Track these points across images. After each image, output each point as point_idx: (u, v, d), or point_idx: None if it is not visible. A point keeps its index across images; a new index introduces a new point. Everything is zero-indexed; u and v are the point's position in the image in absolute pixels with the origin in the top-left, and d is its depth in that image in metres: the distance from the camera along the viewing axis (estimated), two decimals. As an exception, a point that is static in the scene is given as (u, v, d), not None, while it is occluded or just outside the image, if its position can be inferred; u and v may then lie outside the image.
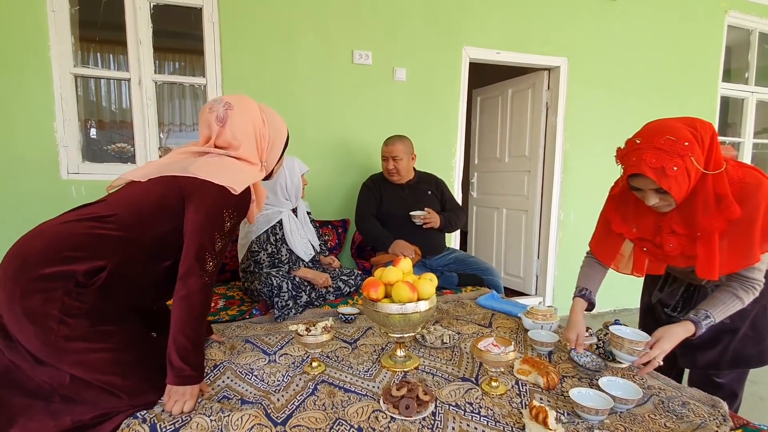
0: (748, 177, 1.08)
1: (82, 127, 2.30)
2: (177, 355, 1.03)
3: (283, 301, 1.73)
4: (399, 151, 2.28)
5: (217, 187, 1.09)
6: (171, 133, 3.98)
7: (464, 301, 2.03)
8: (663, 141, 1.04)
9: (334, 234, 2.54)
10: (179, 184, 1.08)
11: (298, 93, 2.52)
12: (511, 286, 3.45)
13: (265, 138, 1.27)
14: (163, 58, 3.92)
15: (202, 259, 1.06)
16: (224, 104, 1.20)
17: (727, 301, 1.15)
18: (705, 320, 1.15)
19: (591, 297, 1.43)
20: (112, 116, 3.82)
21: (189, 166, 1.11)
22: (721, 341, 1.28)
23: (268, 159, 1.31)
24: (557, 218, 3.20)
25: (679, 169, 1.03)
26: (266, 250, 1.90)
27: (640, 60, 3.24)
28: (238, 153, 1.19)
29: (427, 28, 2.72)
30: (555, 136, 3.11)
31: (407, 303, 1.24)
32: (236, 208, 1.13)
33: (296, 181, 2.00)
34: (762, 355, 1.28)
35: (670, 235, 1.17)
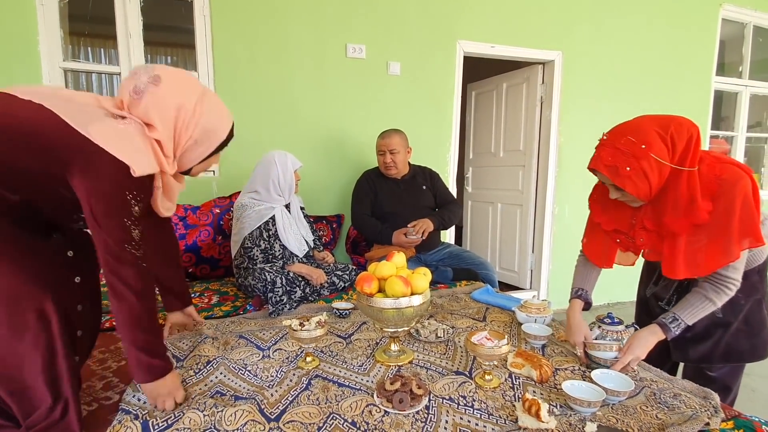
0: (726, 174, 1.08)
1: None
2: (143, 354, 0.97)
3: (278, 296, 1.73)
4: (396, 144, 2.27)
5: (114, 161, 0.88)
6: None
7: (458, 295, 2.03)
8: (623, 141, 1.08)
9: (328, 229, 2.53)
10: (67, 141, 0.86)
11: (291, 87, 2.50)
12: (505, 281, 3.46)
13: (186, 133, 1.02)
14: (155, 52, 3.88)
15: (123, 254, 0.93)
16: (152, 76, 0.98)
17: (697, 304, 1.15)
18: (672, 323, 1.16)
19: (587, 297, 1.45)
20: None
21: (91, 123, 0.89)
22: (713, 335, 1.28)
23: (184, 158, 1.06)
24: (552, 212, 3.20)
25: (632, 170, 1.07)
26: (259, 246, 1.89)
27: (635, 54, 3.24)
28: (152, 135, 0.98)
29: (422, 21, 2.70)
30: (549, 130, 3.11)
31: (401, 297, 1.24)
32: (139, 190, 0.95)
33: (289, 178, 1.99)
34: (755, 350, 1.28)
35: (642, 229, 1.20)
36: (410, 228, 2.19)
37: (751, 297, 1.24)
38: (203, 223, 2.21)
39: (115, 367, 1.30)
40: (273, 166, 1.96)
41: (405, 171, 2.38)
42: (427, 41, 2.73)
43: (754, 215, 1.05)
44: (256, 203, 1.94)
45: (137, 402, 1.06)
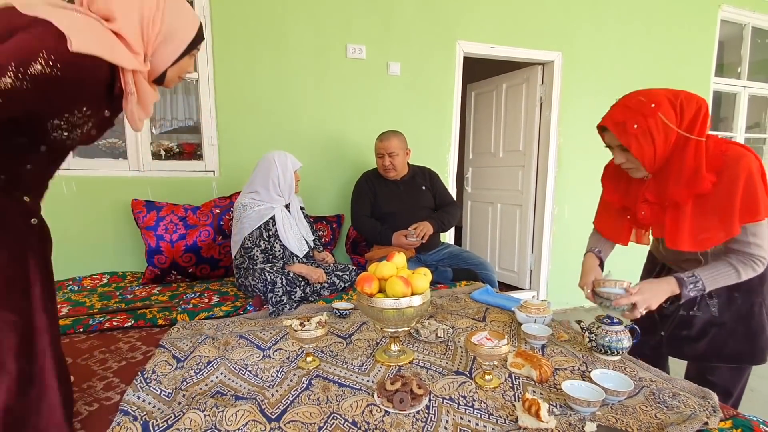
0: (730, 151, 1.10)
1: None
2: None
3: (278, 296, 1.73)
4: (395, 147, 2.27)
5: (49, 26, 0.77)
6: (163, 128, 3.93)
7: (458, 295, 2.04)
8: (633, 101, 1.13)
9: (328, 229, 2.53)
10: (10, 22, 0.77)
11: (291, 87, 2.51)
12: (505, 281, 3.46)
13: (156, 24, 0.92)
14: None
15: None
16: None
17: (720, 268, 1.14)
18: (690, 278, 1.14)
19: (602, 255, 1.46)
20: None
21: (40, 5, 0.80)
22: (708, 333, 1.28)
23: (157, 54, 0.97)
24: (551, 213, 3.21)
25: (639, 128, 1.10)
26: (259, 246, 1.90)
27: (634, 54, 3.25)
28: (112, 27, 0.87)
29: (422, 22, 2.70)
30: (549, 130, 3.12)
31: (401, 298, 1.24)
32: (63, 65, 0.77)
33: (289, 178, 1.99)
34: (755, 353, 1.27)
35: (643, 203, 1.22)
36: (411, 230, 2.19)
37: (750, 298, 1.24)
38: (203, 224, 2.21)
39: (116, 367, 1.30)
40: (273, 167, 1.96)
41: (404, 172, 2.39)
42: (427, 42, 2.73)
43: (757, 192, 1.06)
44: (256, 203, 1.95)
45: (138, 402, 1.06)
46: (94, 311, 1.73)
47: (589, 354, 1.34)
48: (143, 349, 1.44)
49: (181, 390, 1.12)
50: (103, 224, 2.28)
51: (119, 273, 2.27)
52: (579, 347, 1.40)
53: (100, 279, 2.21)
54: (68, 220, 2.22)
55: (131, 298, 1.93)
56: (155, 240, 2.12)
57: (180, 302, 1.85)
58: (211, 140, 2.40)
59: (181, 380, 1.17)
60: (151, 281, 2.15)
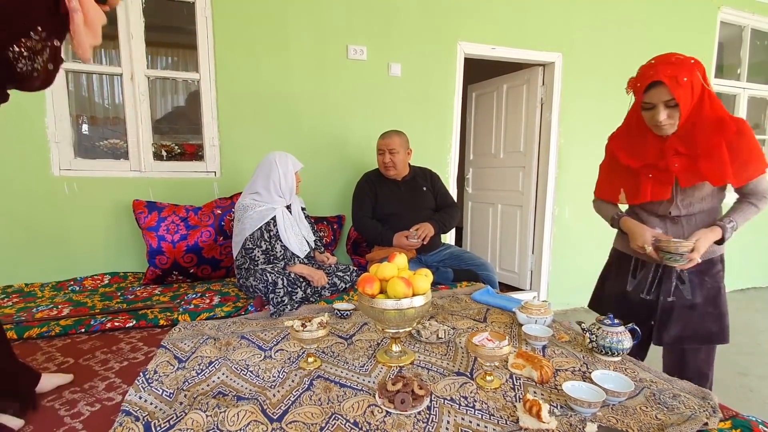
0: (725, 110, 1.32)
1: (74, 122, 2.27)
2: None
3: (279, 297, 1.73)
4: (396, 145, 2.28)
5: None
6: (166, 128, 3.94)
7: (459, 296, 2.04)
8: (675, 58, 1.27)
9: (329, 230, 2.53)
10: None
11: (292, 88, 2.51)
12: (505, 281, 3.47)
13: None
14: (156, 53, 3.88)
15: None
16: None
17: (745, 209, 1.36)
18: (729, 224, 1.34)
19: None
20: (105, 112, 3.78)
21: None
22: (683, 317, 1.43)
23: None
24: (552, 214, 3.21)
25: (688, 80, 1.23)
26: (260, 246, 1.90)
27: (634, 55, 3.24)
28: None
29: (422, 23, 2.71)
30: (550, 131, 3.12)
31: (402, 298, 1.24)
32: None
33: (290, 179, 2.00)
34: (723, 332, 1.43)
35: (674, 156, 1.34)
36: (413, 231, 2.19)
37: (717, 282, 1.42)
38: (205, 224, 2.21)
39: (118, 367, 1.30)
40: (274, 168, 1.97)
41: (405, 172, 2.39)
42: (427, 43, 2.74)
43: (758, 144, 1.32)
44: (257, 204, 1.95)
45: (140, 402, 1.07)
46: (95, 311, 1.74)
47: (589, 355, 1.34)
48: (145, 350, 1.44)
49: (182, 390, 1.13)
50: (105, 225, 2.29)
51: (120, 273, 2.27)
52: (580, 348, 1.40)
53: (101, 279, 2.21)
54: (70, 220, 2.23)
55: (132, 298, 1.94)
56: (156, 240, 2.12)
57: (181, 303, 1.86)
58: (212, 141, 2.41)
59: (182, 380, 1.18)
60: (152, 281, 2.16)
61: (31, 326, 1.56)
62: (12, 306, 1.83)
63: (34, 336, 1.53)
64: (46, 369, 1.28)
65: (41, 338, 1.53)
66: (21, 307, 1.80)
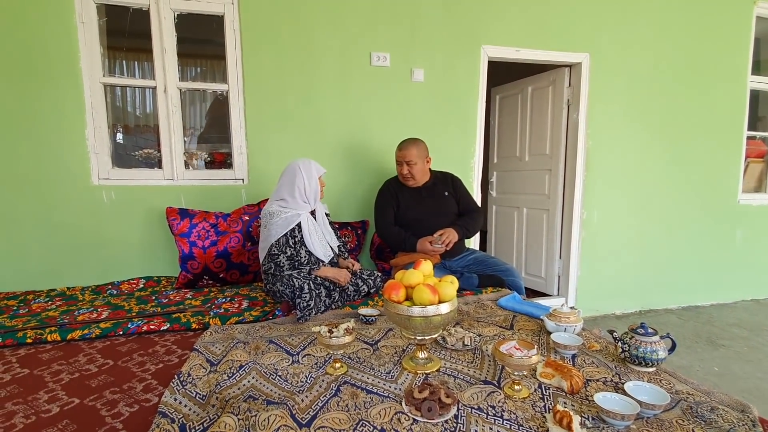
0: None
1: (111, 133, 2.38)
2: None
3: (305, 302, 1.76)
4: (413, 156, 2.28)
5: None
6: (193, 137, 4.07)
7: (485, 302, 2.02)
8: None
9: (353, 235, 2.56)
10: None
11: (317, 96, 2.56)
12: (532, 287, 3.40)
13: None
14: (187, 64, 4.02)
15: None
16: None
17: None
18: None
19: None
20: (137, 121, 3.95)
21: None
22: None
23: None
24: (580, 217, 3.14)
25: None
26: (285, 252, 1.94)
27: (666, 54, 3.15)
28: None
29: (445, 28, 2.71)
30: (577, 134, 3.06)
31: (428, 306, 1.25)
32: None
33: (314, 184, 2.03)
34: None
35: None
36: (436, 236, 2.19)
37: None
38: (233, 230, 2.27)
39: (154, 369, 1.36)
40: (298, 174, 2.01)
41: (424, 180, 2.39)
42: (450, 48, 2.73)
43: None
44: (283, 210, 1.99)
45: (175, 404, 1.11)
46: (132, 315, 1.81)
47: (622, 365, 1.31)
48: (179, 353, 1.49)
49: (215, 393, 1.16)
50: (140, 231, 2.38)
51: (154, 278, 2.36)
52: (611, 357, 1.37)
53: (137, 283, 2.30)
54: (108, 227, 2.33)
55: (166, 302, 2.01)
56: (188, 246, 2.20)
57: (212, 306, 1.91)
58: (240, 149, 2.48)
59: (215, 384, 1.21)
60: (184, 286, 2.23)
61: (74, 329, 1.64)
62: (56, 309, 1.93)
63: (77, 338, 1.61)
64: (88, 371, 1.35)
65: (83, 340, 1.61)
66: (64, 310, 1.90)
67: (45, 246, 2.28)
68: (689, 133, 3.29)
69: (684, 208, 3.37)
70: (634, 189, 3.21)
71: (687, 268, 3.44)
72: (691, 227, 3.41)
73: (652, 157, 3.22)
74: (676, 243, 3.39)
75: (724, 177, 3.45)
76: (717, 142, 3.37)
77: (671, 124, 3.23)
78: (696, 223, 3.42)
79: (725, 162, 3.43)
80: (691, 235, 3.42)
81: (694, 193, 3.38)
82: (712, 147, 3.37)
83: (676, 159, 3.29)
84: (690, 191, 3.37)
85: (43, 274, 2.28)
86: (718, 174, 3.43)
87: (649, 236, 3.30)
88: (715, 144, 3.37)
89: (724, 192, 3.47)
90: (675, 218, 3.35)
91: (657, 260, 3.35)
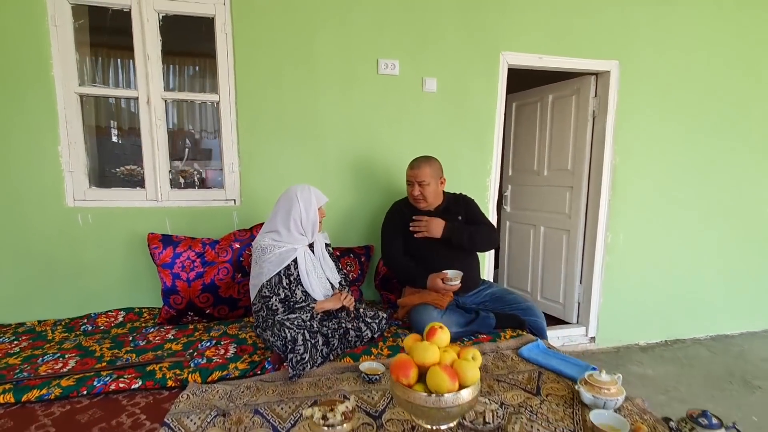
0: None
1: (89, 149, 2.14)
2: None
3: (299, 355, 1.52)
4: (426, 176, 2.03)
5: None
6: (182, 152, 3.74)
7: (504, 352, 1.77)
8: None
9: (356, 264, 2.31)
10: None
11: (318, 108, 2.30)
12: (549, 312, 3.15)
13: None
14: (173, 70, 3.72)
15: None
16: None
17: None
18: None
19: None
20: (120, 132, 3.61)
21: None
22: None
23: None
24: (604, 240, 2.87)
25: None
26: (278, 294, 1.70)
27: (703, 62, 2.85)
28: None
29: (461, 33, 2.44)
30: (603, 149, 2.78)
31: (446, 394, 1.01)
32: None
33: (312, 215, 1.79)
34: None
35: None
36: (455, 272, 1.94)
37: None
38: (222, 260, 2.04)
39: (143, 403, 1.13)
40: (294, 203, 1.77)
41: (437, 202, 2.14)
42: (466, 54, 2.46)
43: None
44: (276, 245, 1.75)
45: None
46: (102, 365, 1.59)
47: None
48: (147, 426, 1.26)
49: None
50: (120, 257, 2.16)
51: (135, 310, 2.14)
52: (668, 452, 1.12)
53: (115, 317, 2.08)
54: (84, 253, 2.11)
55: (144, 345, 1.78)
56: (171, 279, 1.96)
57: (194, 353, 1.68)
58: (231, 167, 2.24)
59: None
60: (167, 321, 2.01)
61: (31, 386, 1.41)
62: (19, 353, 1.71)
63: (33, 399, 1.38)
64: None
65: (40, 402, 1.38)
66: (27, 356, 1.68)
67: (15, 274, 2.06)
68: (726, 153, 2.99)
69: (716, 232, 3.09)
70: (664, 211, 2.93)
71: (716, 295, 3.17)
72: (722, 252, 3.13)
73: (684, 176, 2.94)
74: (706, 269, 3.11)
75: (760, 199, 3.15)
76: (756, 162, 3.08)
77: (707, 142, 2.94)
78: (728, 247, 3.14)
79: (763, 184, 3.13)
80: (722, 260, 3.14)
81: (727, 216, 3.10)
82: (751, 168, 3.07)
83: (711, 180, 3.00)
84: (723, 214, 3.08)
85: (12, 305, 2.07)
86: (753, 196, 3.14)
87: (678, 261, 3.03)
88: (753, 165, 3.07)
89: (760, 215, 3.18)
90: (706, 242, 3.08)
91: (685, 286, 3.08)
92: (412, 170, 2.06)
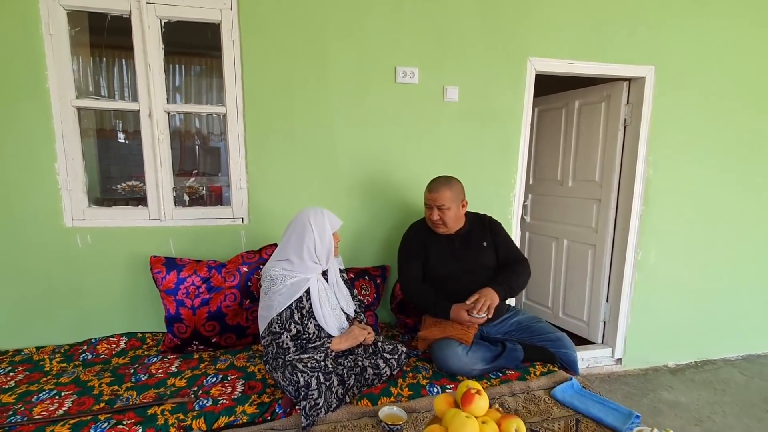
0: None
1: (87, 166, 2.01)
2: None
3: (312, 401, 1.39)
4: (446, 199, 1.86)
5: None
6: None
7: (536, 393, 1.62)
8: None
9: (371, 287, 2.17)
10: None
11: (331, 120, 2.15)
12: (572, 330, 2.99)
13: None
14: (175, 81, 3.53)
15: None
16: None
17: None
18: None
19: None
20: (120, 147, 3.44)
21: None
22: None
23: None
24: (633, 257, 2.69)
25: None
26: (289, 331, 1.56)
27: (746, 68, 2.64)
28: None
29: (485, 37, 2.26)
30: (635, 160, 2.59)
31: (487, 482, 0.86)
32: None
33: (327, 242, 1.64)
34: None
35: None
36: (470, 303, 1.78)
37: None
38: (229, 286, 1.90)
39: None
40: (308, 230, 1.62)
41: (458, 227, 1.97)
42: (491, 61, 2.28)
43: None
44: (287, 275, 1.61)
45: None
46: (100, 406, 1.47)
47: None
48: (145, 491, 1.14)
49: None
50: (121, 280, 2.03)
51: (138, 335, 2.02)
52: None
53: (117, 343, 1.97)
54: (83, 276, 1.99)
55: (146, 379, 1.66)
56: (175, 306, 1.84)
57: (198, 391, 1.56)
58: (239, 183, 2.09)
59: None
60: (170, 350, 1.88)
61: (22, 435, 1.30)
62: (14, 389, 1.60)
63: (23, 451, 1.27)
64: None
65: (30, 455, 1.27)
66: (23, 392, 1.57)
67: (12, 298, 1.95)
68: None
69: (754, 251, 2.89)
70: (700, 226, 2.74)
71: (748, 313, 2.98)
72: (758, 269, 2.93)
73: (724, 191, 2.73)
74: (740, 287, 2.92)
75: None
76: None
77: (749, 156, 2.73)
78: (763, 263, 2.94)
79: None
80: (757, 277, 2.94)
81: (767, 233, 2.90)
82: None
83: (752, 195, 2.80)
84: (763, 231, 2.88)
85: (10, 330, 1.96)
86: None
87: (714, 278, 2.84)
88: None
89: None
90: (744, 259, 2.88)
91: (718, 305, 2.90)
92: (431, 193, 1.89)
